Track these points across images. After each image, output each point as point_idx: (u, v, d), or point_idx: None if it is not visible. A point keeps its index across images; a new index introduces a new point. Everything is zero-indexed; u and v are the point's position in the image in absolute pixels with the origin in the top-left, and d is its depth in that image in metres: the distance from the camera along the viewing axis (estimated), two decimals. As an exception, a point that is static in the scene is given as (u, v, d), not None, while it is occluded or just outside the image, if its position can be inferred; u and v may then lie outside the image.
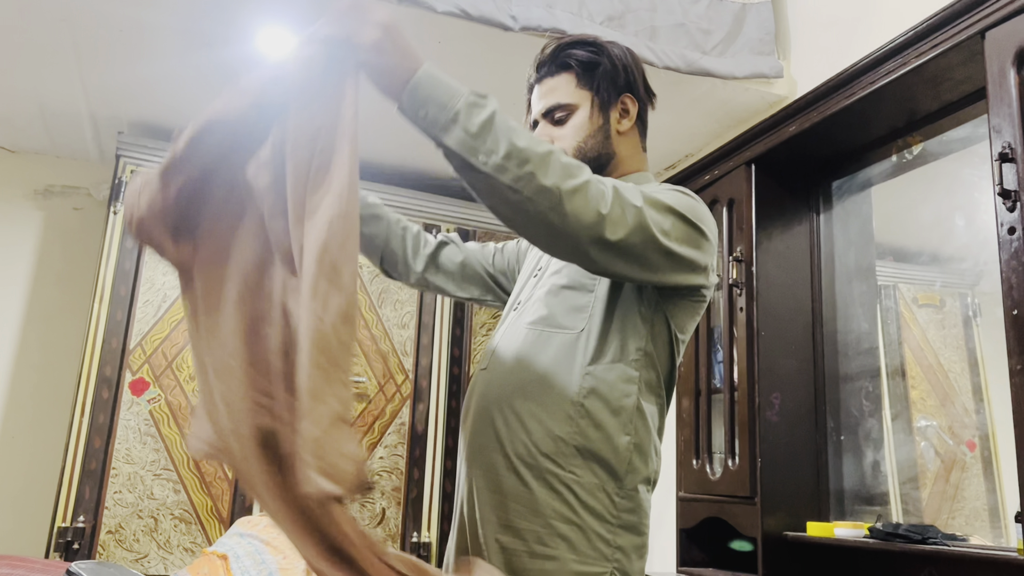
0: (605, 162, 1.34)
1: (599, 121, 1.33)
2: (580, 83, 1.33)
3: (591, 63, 1.33)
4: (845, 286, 2.42)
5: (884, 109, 2.14)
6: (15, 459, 3.10)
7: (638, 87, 1.37)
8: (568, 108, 1.33)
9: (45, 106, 2.94)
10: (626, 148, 1.37)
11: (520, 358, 1.23)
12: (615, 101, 1.35)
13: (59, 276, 3.29)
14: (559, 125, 1.34)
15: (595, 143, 1.33)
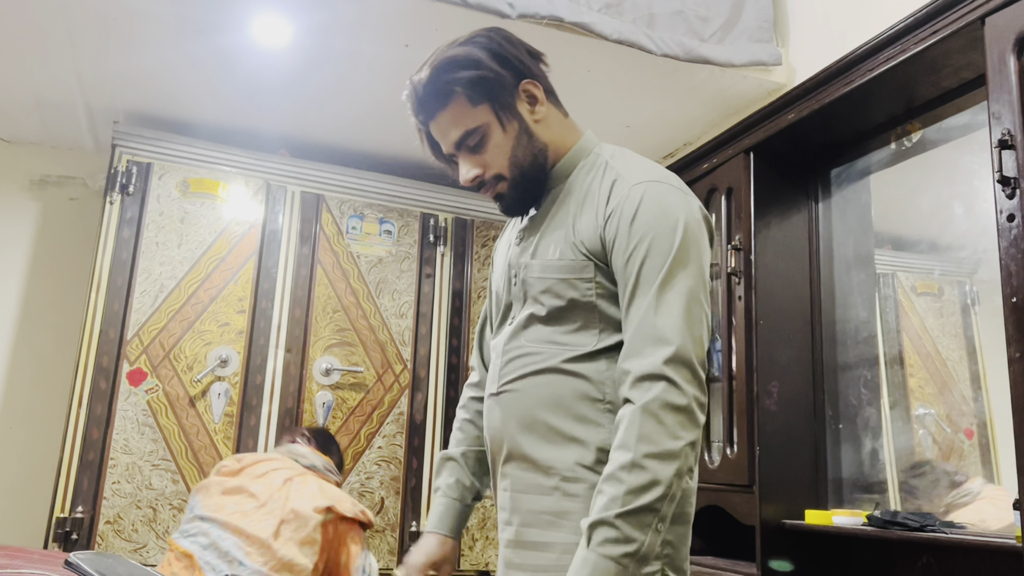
0: (543, 160, 1.30)
1: (514, 127, 1.28)
2: (473, 102, 1.25)
3: (473, 79, 1.25)
4: (844, 275, 2.41)
5: (883, 96, 2.13)
6: (13, 449, 3.10)
7: (527, 65, 1.30)
8: (477, 132, 1.26)
9: (40, 96, 2.92)
10: (552, 130, 1.32)
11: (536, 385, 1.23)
12: (516, 96, 1.28)
13: (56, 266, 3.28)
14: (477, 152, 1.28)
15: (524, 149, 1.28)
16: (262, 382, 2.90)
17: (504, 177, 1.29)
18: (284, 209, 3.06)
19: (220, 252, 2.93)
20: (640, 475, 1.06)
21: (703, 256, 1.21)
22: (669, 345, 1.11)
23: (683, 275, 1.15)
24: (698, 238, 1.20)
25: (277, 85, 2.78)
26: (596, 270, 1.21)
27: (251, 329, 2.92)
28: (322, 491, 2.26)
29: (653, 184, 1.22)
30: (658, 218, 1.18)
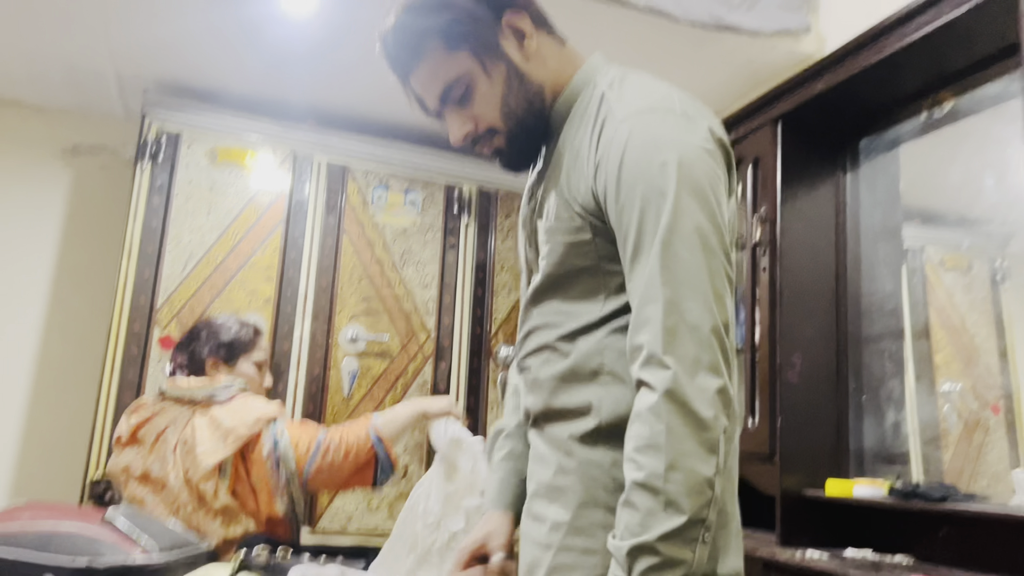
0: (540, 103, 1.14)
1: (501, 70, 1.11)
2: (450, 49, 1.10)
3: (445, 24, 1.09)
4: (870, 247, 2.40)
5: (915, 65, 2.10)
6: (48, 414, 3.18)
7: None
8: (460, 82, 1.11)
9: (72, 63, 2.96)
10: (548, 66, 1.14)
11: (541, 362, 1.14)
12: (500, 33, 1.11)
13: (88, 234, 3.33)
14: (465, 105, 1.13)
15: (516, 95, 1.12)
16: (289, 349, 2.94)
17: (498, 130, 1.14)
18: (310, 179, 3.09)
19: (248, 221, 2.96)
20: (678, 482, 0.91)
21: (711, 192, 1.00)
22: (681, 315, 0.95)
23: (686, 224, 0.97)
24: (702, 172, 1.00)
25: (305, 54, 2.80)
26: (593, 230, 1.06)
27: (278, 297, 2.96)
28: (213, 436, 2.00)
29: (643, 116, 1.03)
30: (648, 159, 0.99)
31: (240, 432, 1.94)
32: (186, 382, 2.08)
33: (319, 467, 1.95)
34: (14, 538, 1.53)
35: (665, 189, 0.98)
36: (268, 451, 1.94)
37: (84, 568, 1.49)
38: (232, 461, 1.94)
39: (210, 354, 2.16)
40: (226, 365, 2.16)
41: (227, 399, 2.04)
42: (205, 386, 2.05)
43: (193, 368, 2.16)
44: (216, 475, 1.92)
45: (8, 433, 3.14)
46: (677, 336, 0.94)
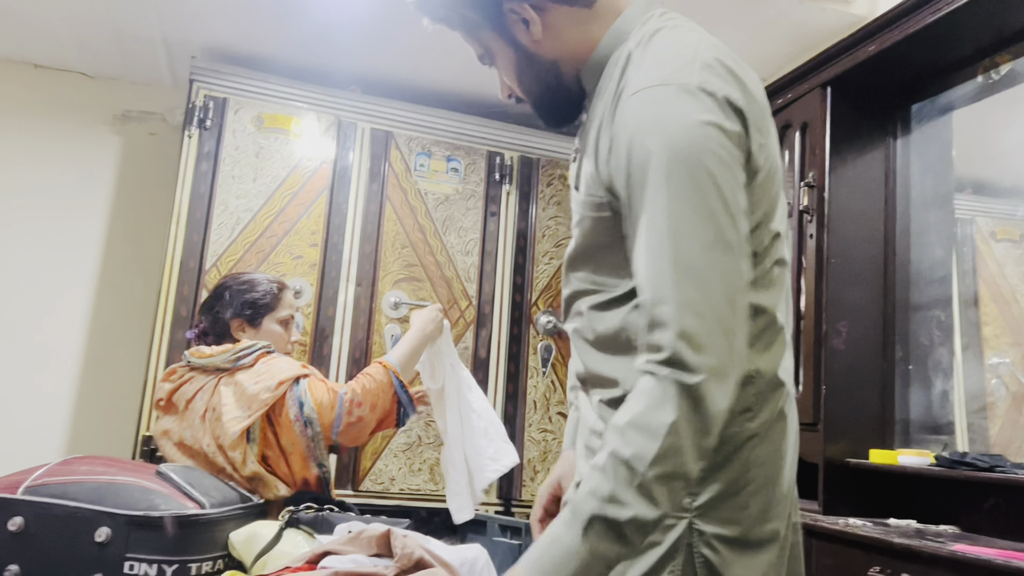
0: (554, 78, 1.13)
1: (509, 55, 1.12)
2: (464, 34, 1.15)
3: (447, 18, 1.13)
4: (920, 214, 2.35)
5: (971, 26, 2.05)
6: (102, 373, 3.27)
7: None
8: (484, 57, 1.17)
9: (121, 31, 3.00)
10: (563, 40, 1.11)
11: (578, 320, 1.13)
12: (505, 20, 1.10)
13: (137, 199, 3.40)
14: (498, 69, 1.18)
15: (527, 75, 1.13)
16: (333, 314, 2.98)
17: (523, 98, 1.19)
18: (354, 145, 3.11)
19: (293, 187, 3.00)
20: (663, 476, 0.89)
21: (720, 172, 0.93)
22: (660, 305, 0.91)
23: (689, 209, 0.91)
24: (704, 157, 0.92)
25: (350, 21, 2.80)
26: (611, 208, 1.03)
27: (323, 262, 3.00)
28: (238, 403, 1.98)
29: (652, 91, 0.96)
30: (646, 147, 0.94)
31: (263, 397, 1.90)
32: (208, 350, 2.02)
33: (348, 424, 1.92)
34: (71, 489, 1.58)
35: (659, 173, 0.92)
36: (295, 414, 1.91)
37: (140, 517, 1.54)
38: (260, 426, 1.91)
39: (234, 316, 2.09)
40: (251, 326, 2.10)
41: (251, 363, 1.98)
42: (227, 353, 1.99)
43: (217, 331, 2.10)
44: (244, 442, 1.89)
45: (63, 391, 3.24)
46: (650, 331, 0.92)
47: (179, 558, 1.55)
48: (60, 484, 1.60)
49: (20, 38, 3.13)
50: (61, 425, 3.21)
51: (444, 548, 1.56)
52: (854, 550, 1.88)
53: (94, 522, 1.54)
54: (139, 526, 1.54)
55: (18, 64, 3.34)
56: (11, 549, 1.53)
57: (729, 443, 1.01)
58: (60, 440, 3.20)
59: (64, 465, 1.69)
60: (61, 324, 3.26)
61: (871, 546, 1.82)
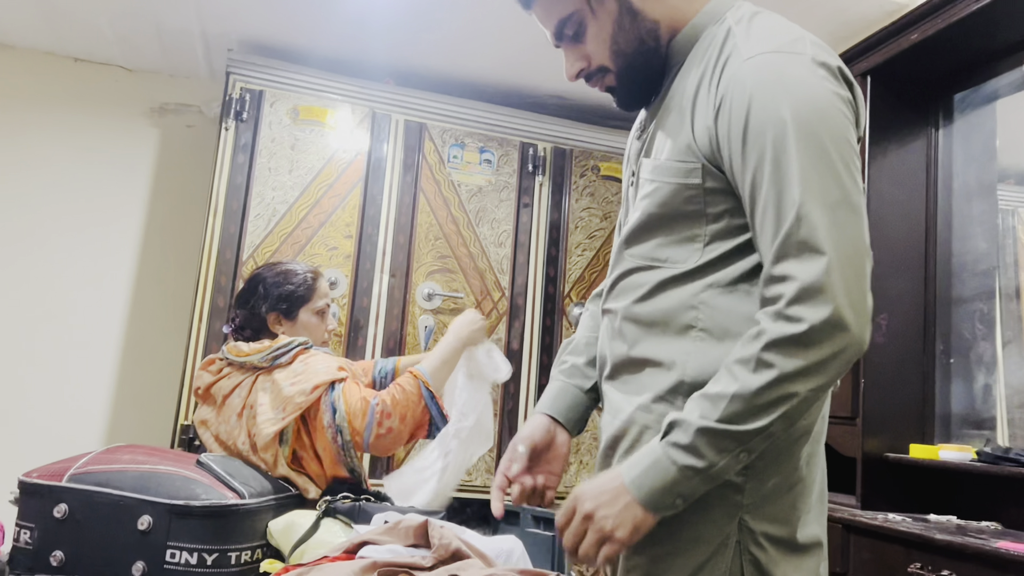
0: (653, 42, 1.09)
1: (612, 7, 1.08)
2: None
3: None
4: (963, 205, 2.31)
5: (1017, 14, 2.00)
6: (141, 362, 3.32)
7: None
8: (572, 19, 1.10)
9: (160, 23, 3.03)
10: (666, 2, 1.09)
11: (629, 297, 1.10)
12: None
13: (175, 191, 3.44)
14: (578, 41, 1.12)
15: (627, 34, 1.08)
16: (368, 304, 3.00)
17: (609, 69, 1.12)
18: (388, 137, 3.12)
19: (328, 178, 3.02)
20: (739, 404, 0.92)
21: (841, 138, 0.95)
22: (817, 257, 0.90)
23: (822, 164, 0.93)
24: (831, 119, 0.95)
25: (384, 13, 2.81)
26: (705, 174, 1.02)
27: (358, 253, 3.01)
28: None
29: (769, 56, 0.98)
30: (775, 104, 0.95)
31: (298, 401, 1.87)
32: (246, 347, 2.00)
33: (377, 436, 1.89)
34: (115, 478, 1.61)
35: (789, 139, 0.94)
36: (328, 420, 1.89)
37: (182, 506, 1.56)
38: (293, 428, 1.90)
39: (270, 309, 2.06)
40: (287, 319, 2.07)
41: (289, 362, 1.95)
42: (264, 352, 1.96)
43: (254, 325, 2.07)
44: (276, 444, 1.89)
45: (103, 380, 3.29)
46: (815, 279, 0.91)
47: (219, 547, 1.58)
48: (104, 472, 1.63)
49: (62, 32, 3.18)
50: (101, 413, 3.27)
51: (480, 539, 1.57)
52: (894, 546, 1.85)
53: (136, 510, 1.57)
54: (180, 515, 1.56)
55: (59, 58, 3.39)
56: (56, 535, 1.56)
57: (784, 438, 0.99)
58: (100, 428, 3.26)
59: (108, 453, 1.72)
60: (101, 314, 3.32)
61: (912, 542, 1.80)
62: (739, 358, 0.94)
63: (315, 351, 2.01)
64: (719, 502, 0.99)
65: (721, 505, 1.00)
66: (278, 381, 1.91)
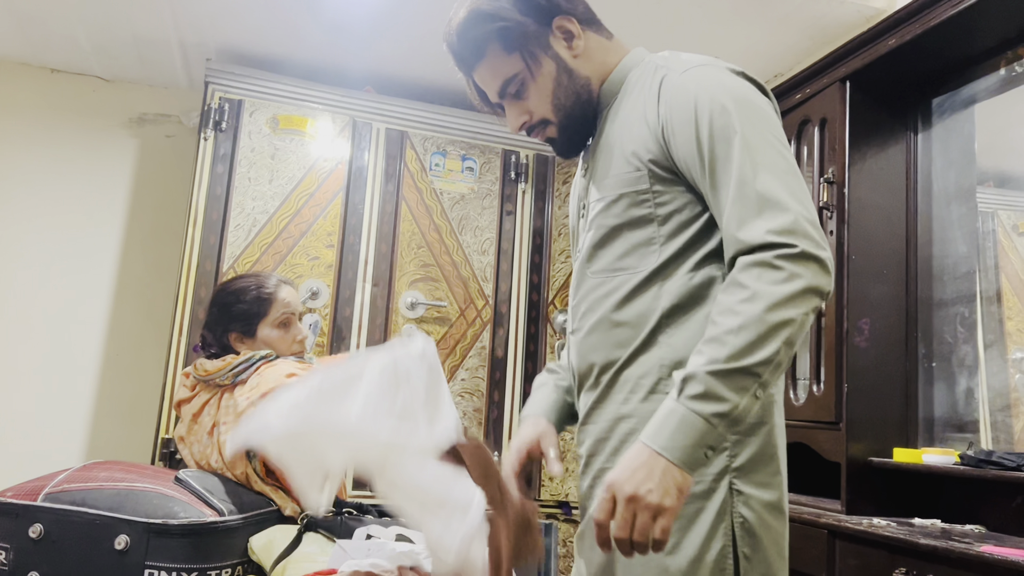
0: (587, 95, 1.25)
1: (551, 69, 1.23)
2: (507, 51, 1.22)
3: (499, 30, 1.21)
4: (943, 209, 2.32)
5: (994, 18, 2.01)
6: (120, 375, 3.28)
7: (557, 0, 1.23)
8: (515, 79, 1.23)
9: (137, 33, 3.01)
10: (594, 60, 1.26)
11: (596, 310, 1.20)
12: (550, 34, 1.23)
13: (154, 202, 3.41)
14: (520, 98, 1.25)
15: (565, 90, 1.23)
16: (351, 314, 2.98)
17: (550, 121, 1.26)
18: (369, 146, 3.10)
19: (309, 188, 3.00)
20: (745, 335, 0.98)
21: (778, 127, 1.12)
22: (784, 211, 1.03)
23: (765, 142, 1.07)
24: (765, 109, 1.12)
25: (364, 22, 2.80)
26: (651, 178, 1.15)
27: (339, 263, 2.99)
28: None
29: (703, 67, 1.15)
30: (717, 94, 1.10)
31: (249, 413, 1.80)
32: (210, 365, 1.96)
33: None
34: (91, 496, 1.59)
35: (741, 114, 1.08)
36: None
37: (160, 525, 1.54)
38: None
39: (227, 332, 2.03)
40: (248, 338, 2.03)
41: (248, 377, 1.91)
42: (224, 369, 1.92)
43: (220, 345, 2.04)
44: (245, 461, 1.85)
45: (82, 394, 3.26)
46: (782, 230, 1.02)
47: (198, 565, 1.55)
48: (80, 491, 1.60)
49: (37, 43, 3.14)
50: (81, 428, 3.23)
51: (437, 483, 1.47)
52: (879, 551, 1.85)
53: (113, 529, 1.54)
54: (158, 533, 1.54)
55: (35, 68, 3.36)
56: (31, 556, 1.53)
57: (762, 407, 1.11)
58: (80, 443, 3.22)
59: (84, 471, 1.69)
60: (79, 327, 3.28)
61: (896, 547, 1.80)
62: (732, 301, 1.01)
63: (279, 361, 1.96)
64: (711, 468, 1.08)
65: (714, 473, 1.09)
66: (236, 397, 1.88)
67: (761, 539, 1.10)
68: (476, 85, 1.30)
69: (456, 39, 1.26)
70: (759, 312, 0.98)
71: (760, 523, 1.10)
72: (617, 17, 2.61)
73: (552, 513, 3.08)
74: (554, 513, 3.09)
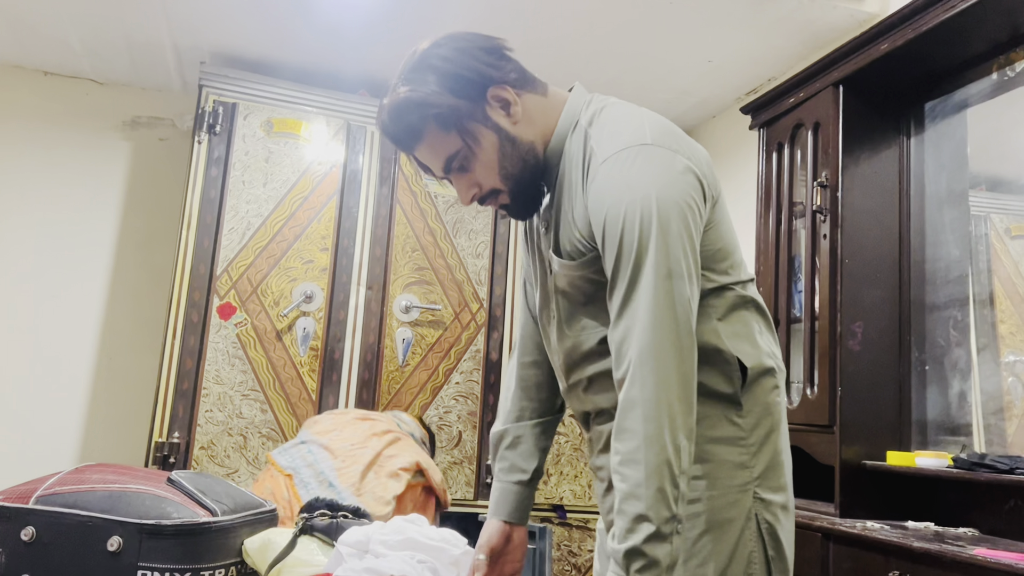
0: (533, 159, 1.22)
1: (492, 140, 1.19)
2: (444, 131, 1.18)
3: (432, 116, 1.18)
4: (935, 213, 2.33)
5: (986, 23, 2.03)
6: (114, 379, 3.27)
7: (487, 71, 1.20)
8: (458, 155, 1.19)
9: (130, 37, 3.01)
10: (536, 123, 1.23)
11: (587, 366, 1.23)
12: (487, 106, 1.19)
13: (148, 205, 3.41)
14: (465, 171, 1.21)
15: (510, 159, 1.20)
16: (345, 318, 2.98)
17: (500, 190, 1.23)
18: (364, 149, 3.11)
19: (303, 191, 3.00)
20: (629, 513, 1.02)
21: (673, 224, 1.08)
22: (635, 355, 1.06)
23: (647, 265, 1.07)
24: (664, 207, 1.08)
25: (358, 25, 2.80)
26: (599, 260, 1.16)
27: (334, 266, 2.99)
28: (419, 455, 2.35)
29: (615, 157, 1.12)
30: (620, 202, 1.09)
31: (435, 476, 2.34)
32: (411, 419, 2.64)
33: None
34: (83, 498, 1.58)
35: (635, 233, 1.08)
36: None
37: (153, 525, 1.53)
38: (402, 496, 2.22)
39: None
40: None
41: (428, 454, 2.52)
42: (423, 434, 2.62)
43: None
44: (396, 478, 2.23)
45: (75, 398, 3.24)
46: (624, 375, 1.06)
47: (192, 566, 1.55)
48: (72, 493, 1.59)
49: (30, 45, 3.14)
50: (74, 432, 3.22)
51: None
52: (873, 554, 1.85)
53: (106, 531, 1.53)
54: (151, 534, 1.53)
55: (28, 71, 3.35)
56: (23, 559, 1.52)
57: (770, 416, 1.17)
58: (73, 447, 3.21)
59: (75, 474, 1.68)
60: (73, 330, 3.27)
61: (890, 550, 1.80)
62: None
63: None
64: (735, 482, 1.13)
65: (738, 486, 1.13)
66: (423, 453, 2.44)
67: (782, 540, 1.16)
68: (419, 160, 1.27)
69: (391, 125, 1.22)
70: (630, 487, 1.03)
71: (779, 525, 1.16)
72: (611, 22, 2.63)
73: (546, 516, 3.08)
74: (548, 516, 3.09)
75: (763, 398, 1.18)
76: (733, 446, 1.14)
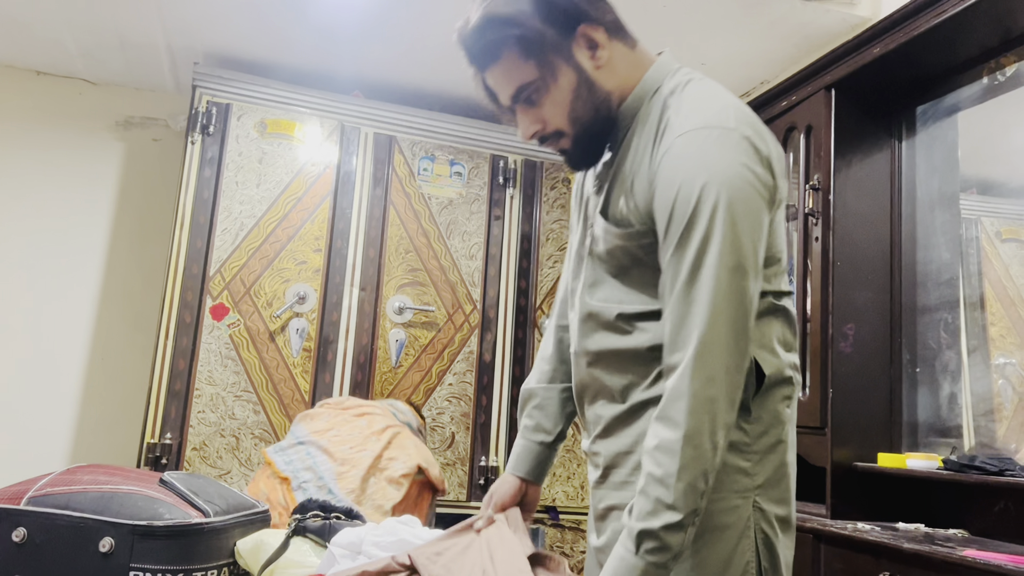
0: (606, 110, 1.17)
1: (571, 79, 1.15)
2: (524, 57, 1.14)
3: (518, 37, 1.13)
4: (926, 216, 2.34)
5: (976, 27, 2.04)
6: (106, 380, 3.27)
7: (585, 5, 1.15)
8: (531, 86, 1.15)
9: (124, 37, 3.00)
10: (618, 73, 1.17)
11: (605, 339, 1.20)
12: (573, 42, 1.14)
13: (141, 205, 3.40)
14: (534, 105, 1.17)
15: (583, 103, 1.15)
16: (338, 319, 2.98)
17: (565, 133, 1.19)
18: (358, 150, 3.11)
19: (297, 192, 2.99)
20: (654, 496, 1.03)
21: (746, 217, 1.05)
22: (690, 346, 1.03)
23: (713, 254, 1.03)
24: (739, 197, 1.04)
25: (352, 26, 2.80)
26: (655, 236, 1.11)
27: (327, 268, 2.99)
28: (418, 455, 2.36)
29: (695, 134, 1.07)
30: (695, 181, 1.04)
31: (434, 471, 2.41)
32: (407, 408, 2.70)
33: None
34: (75, 499, 1.58)
35: (699, 217, 1.04)
36: None
37: (145, 526, 1.53)
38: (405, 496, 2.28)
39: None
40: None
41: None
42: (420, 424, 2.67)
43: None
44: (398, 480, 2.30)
45: (68, 398, 3.23)
46: (687, 364, 1.03)
47: (184, 567, 1.55)
48: (64, 494, 1.59)
49: (23, 45, 3.13)
50: (66, 432, 3.21)
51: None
52: (864, 555, 1.86)
53: (98, 532, 1.53)
54: (143, 535, 1.53)
55: (21, 71, 3.34)
56: (15, 560, 1.52)
57: (777, 426, 1.14)
58: (65, 447, 3.20)
59: (67, 474, 1.68)
60: (65, 331, 3.26)
61: (881, 551, 1.81)
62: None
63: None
64: (735, 488, 1.11)
65: (738, 492, 1.11)
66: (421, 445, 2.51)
67: (778, 553, 1.13)
68: (487, 84, 1.22)
69: (470, 39, 1.17)
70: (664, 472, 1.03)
71: (776, 537, 1.13)
72: (605, 24, 2.63)
73: (539, 518, 3.08)
74: (541, 518, 3.09)
75: (773, 406, 1.14)
76: (737, 451, 1.11)
